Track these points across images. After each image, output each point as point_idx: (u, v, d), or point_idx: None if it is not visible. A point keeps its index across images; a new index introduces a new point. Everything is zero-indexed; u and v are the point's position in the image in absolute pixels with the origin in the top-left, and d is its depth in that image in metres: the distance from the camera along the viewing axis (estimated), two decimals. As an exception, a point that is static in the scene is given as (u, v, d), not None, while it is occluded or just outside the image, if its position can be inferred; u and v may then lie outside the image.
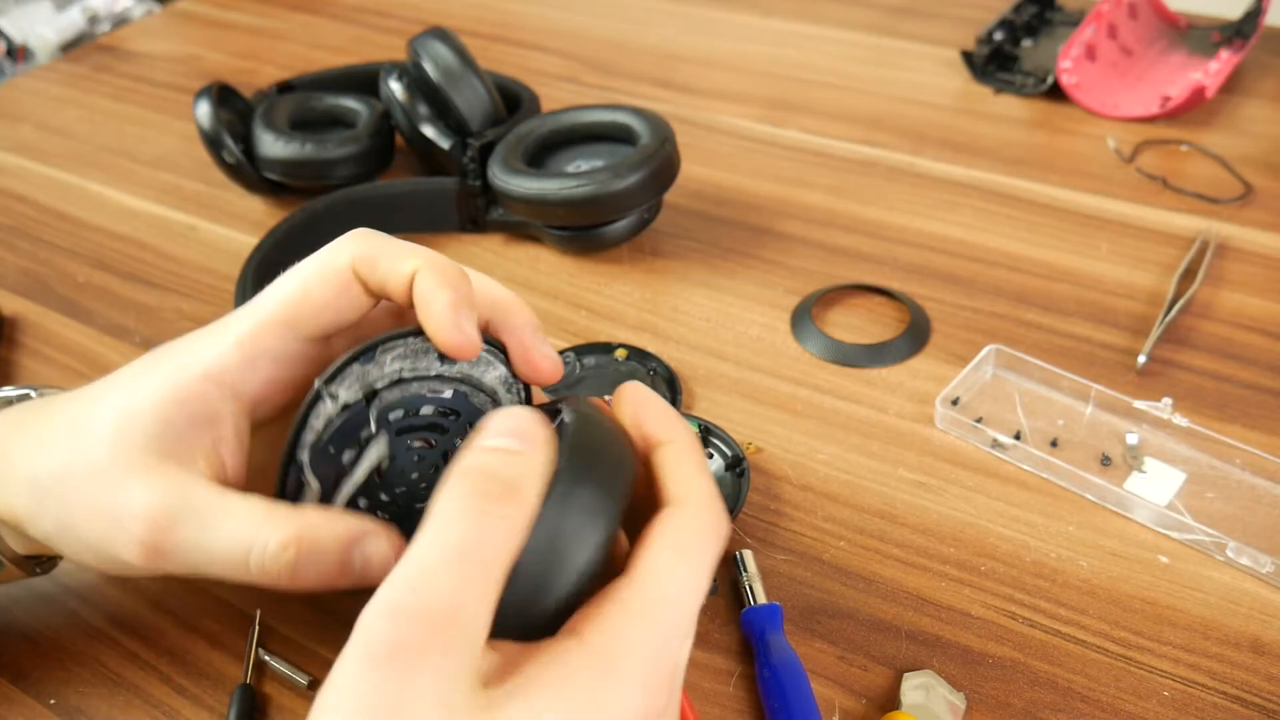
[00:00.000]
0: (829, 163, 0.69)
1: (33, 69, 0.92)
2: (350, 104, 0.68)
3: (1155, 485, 0.45)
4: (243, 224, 0.66)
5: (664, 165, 0.56)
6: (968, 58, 0.78)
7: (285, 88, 0.73)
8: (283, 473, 0.32)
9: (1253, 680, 0.38)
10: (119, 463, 0.31)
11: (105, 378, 0.35)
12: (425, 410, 0.33)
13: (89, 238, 0.66)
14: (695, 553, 0.28)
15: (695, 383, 0.52)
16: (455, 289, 0.32)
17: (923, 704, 0.36)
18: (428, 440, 0.34)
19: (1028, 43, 0.81)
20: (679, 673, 0.27)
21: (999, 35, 0.78)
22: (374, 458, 0.33)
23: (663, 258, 0.61)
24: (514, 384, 0.34)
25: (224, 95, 0.67)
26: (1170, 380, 0.51)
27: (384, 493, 0.35)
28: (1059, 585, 0.41)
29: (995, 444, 0.47)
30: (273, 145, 0.63)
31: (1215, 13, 0.82)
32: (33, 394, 0.40)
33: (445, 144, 0.63)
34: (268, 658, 0.39)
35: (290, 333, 0.33)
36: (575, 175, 0.55)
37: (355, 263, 0.33)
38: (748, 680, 0.38)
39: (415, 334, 0.33)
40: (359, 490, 0.34)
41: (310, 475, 0.32)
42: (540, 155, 0.61)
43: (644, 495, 0.30)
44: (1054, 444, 0.47)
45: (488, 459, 0.27)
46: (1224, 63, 0.72)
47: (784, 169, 0.69)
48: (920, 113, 0.74)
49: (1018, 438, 0.47)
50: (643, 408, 0.31)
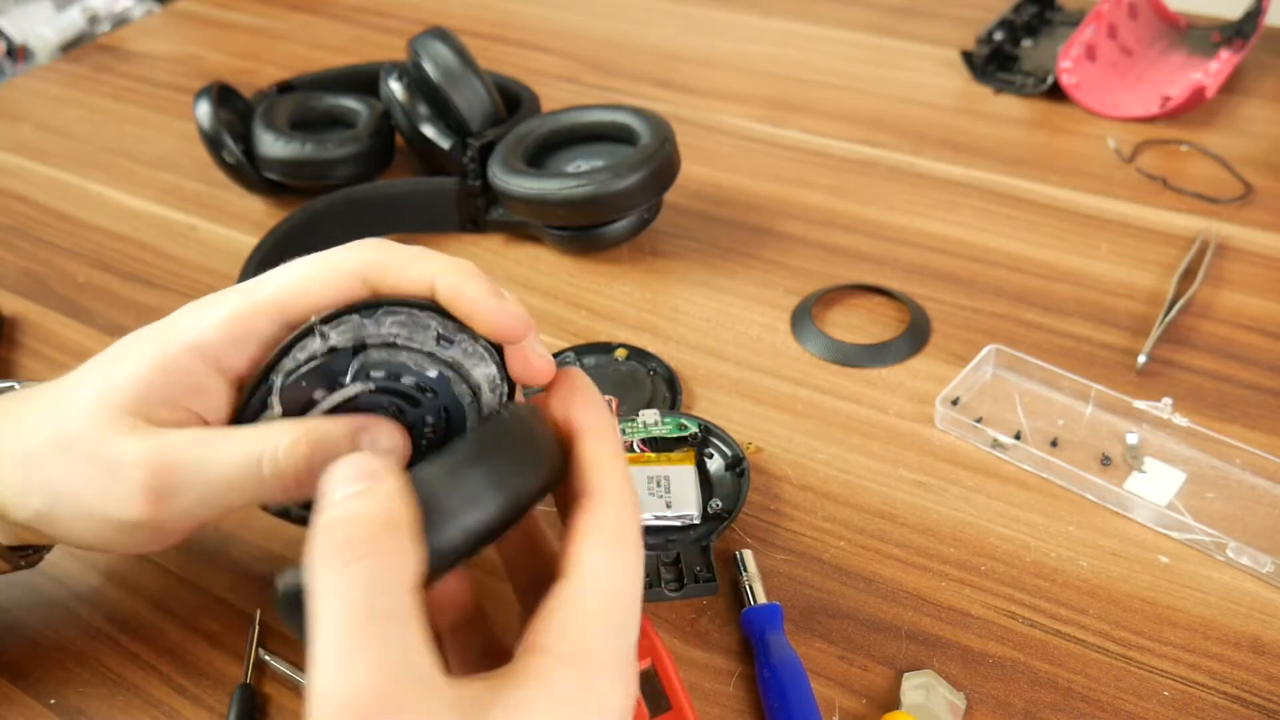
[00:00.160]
0: (829, 163, 0.69)
1: (33, 69, 0.92)
2: (350, 104, 0.68)
3: (1155, 485, 0.45)
4: (243, 224, 0.66)
5: (664, 165, 0.56)
6: (968, 58, 0.78)
7: (285, 88, 0.73)
8: (250, 391, 0.32)
9: (1253, 680, 0.38)
10: (107, 425, 0.31)
11: (88, 361, 0.34)
12: (406, 380, 0.33)
13: (89, 238, 0.66)
14: (623, 544, 0.29)
15: (695, 383, 0.52)
16: (484, 279, 0.32)
17: (923, 704, 0.36)
18: (399, 407, 0.34)
19: (1028, 43, 0.81)
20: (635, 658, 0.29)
21: (999, 35, 0.79)
22: (344, 395, 0.32)
23: (663, 258, 0.61)
24: (499, 385, 0.34)
25: (224, 95, 0.67)
26: (1170, 380, 0.51)
27: None
28: (1059, 585, 0.41)
29: (995, 444, 0.47)
30: (273, 145, 0.63)
31: (1215, 13, 0.82)
32: (16, 386, 0.40)
33: (445, 144, 0.63)
34: (268, 657, 0.39)
35: (281, 318, 0.33)
36: (575, 175, 0.55)
37: (366, 269, 0.33)
38: (748, 680, 0.38)
39: (422, 307, 0.33)
40: None
41: (276, 399, 0.32)
42: (540, 155, 0.61)
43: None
44: (1054, 444, 0.47)
45: (340, 511, 0.26)
46: (1224, 63, 0.72)
47: (784, 169, 0.69)
48: (920, 113, 0.74)
49: (1018, 438, 0.47)
50: (572, 395, 0.32)
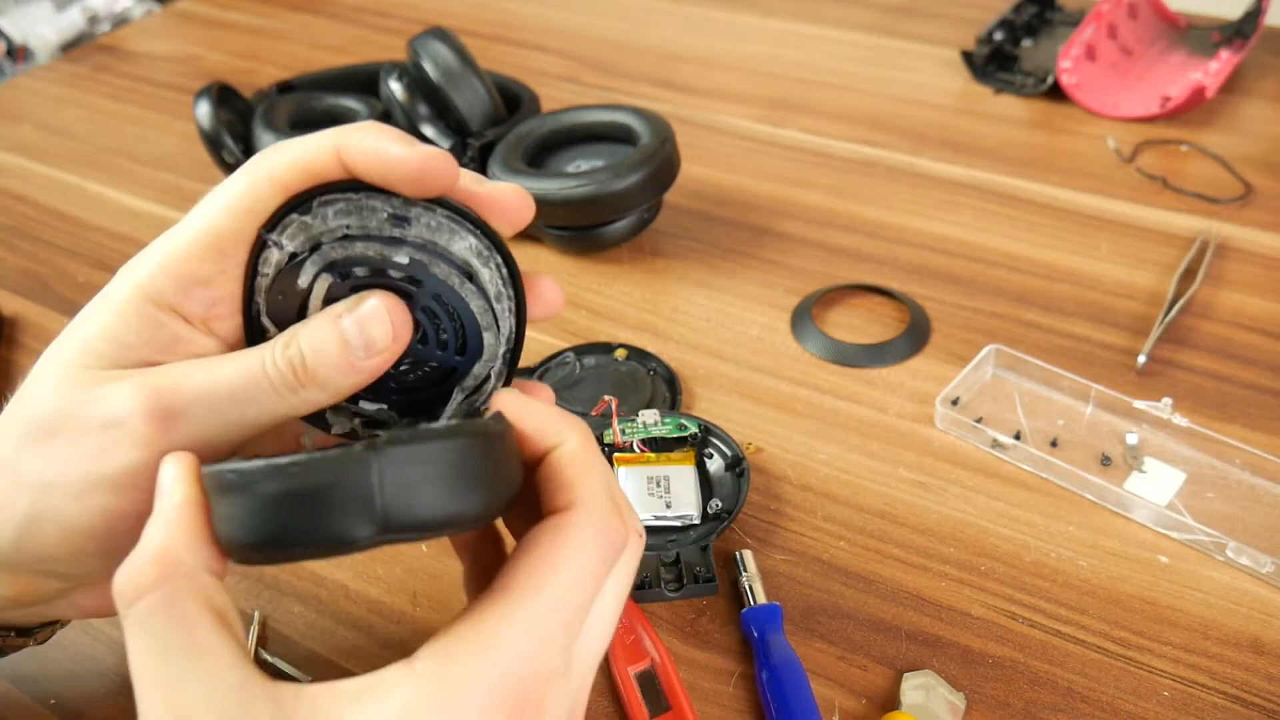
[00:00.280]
0: (829, 163, 0.69)
1: (33, 69, 0.92)
2: (350, 104, 0.68)
3: (1155, 485, 0.45)
4: (243, 224, 0.66)
5: (664, 165, 0.56)
6: (968, 58, 0.78)
7: (285, 88, 0.73)
8: (247, 327, 0.31)
9: (1253, 680, 0.38)
10: (83, 384, 0.30)
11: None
12: (362, 272, 0.30)
13: (89, 238, 0.66)
14: (570, 560, 0.26)
15: (695, 383, 0.52)
16: (382, 128, 0.29)
17: (923, 704, 0.36)
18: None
19: (1028, 43, 0.81)
20: (547, 682, 0.26)
21: (999, 35, 0.79)
22: (320, 290, 0.31)
23: (663, 258, 0.61)
24: (490, 255, 0.30)
25: (224, 95, 0.67)
26: (1170, 380, 0.51)
27: None
28: (1059, 585, 0.41)
29: (995, 444, 0.47)
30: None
31: (1215, 13, 0.82)
32: None
33: (445, 144, 0.63)
34: (268, 657, 0.39)
35: (219, 256, 0.31)
36: (575, 175, 0.55)
37: (272, 173, 0.30)
38: (748, 680, 0.38)
39: (355, 188, 0.29)
40: None
41: (269, 321, 0.31)
42: (540, 155, 0.61)
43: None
44: (1054, 444, 0.47)
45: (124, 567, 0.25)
46: (1224, 63, 0.72)
47: (784, 169, 0.69)
48: (920, 113, 0.74)
49: (1018, 438, 0.47)
50: (519, 417, 0.29)
